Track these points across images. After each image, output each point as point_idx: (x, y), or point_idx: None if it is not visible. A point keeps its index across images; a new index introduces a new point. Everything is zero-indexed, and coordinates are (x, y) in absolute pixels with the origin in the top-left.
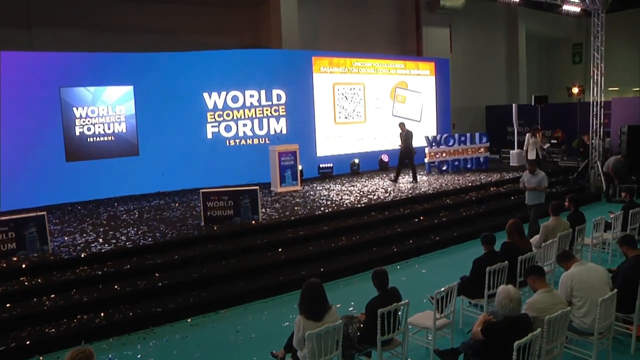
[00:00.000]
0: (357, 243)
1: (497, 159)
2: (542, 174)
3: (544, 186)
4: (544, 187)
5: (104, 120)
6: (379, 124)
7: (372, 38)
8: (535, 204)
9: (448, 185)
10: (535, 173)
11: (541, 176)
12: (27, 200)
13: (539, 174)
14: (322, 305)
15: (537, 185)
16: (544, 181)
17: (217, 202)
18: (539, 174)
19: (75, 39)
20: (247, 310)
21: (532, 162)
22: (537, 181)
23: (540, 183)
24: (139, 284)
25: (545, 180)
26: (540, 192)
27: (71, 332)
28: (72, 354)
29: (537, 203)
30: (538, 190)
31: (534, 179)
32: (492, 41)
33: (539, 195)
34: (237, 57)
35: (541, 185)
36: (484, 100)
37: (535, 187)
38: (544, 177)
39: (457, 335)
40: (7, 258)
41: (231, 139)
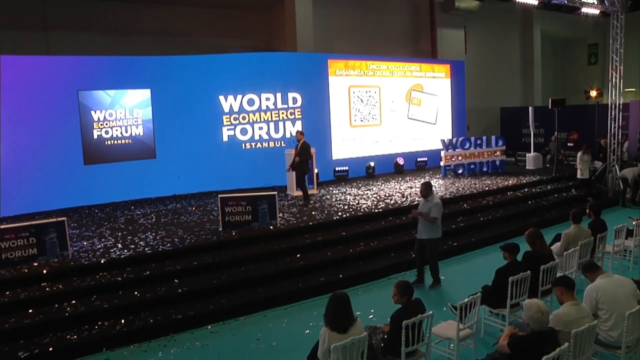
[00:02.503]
0: (375, 249)
1: (513, 161)
2: (436, 201)
3: (431, 215)
4: (431, 216)
5: (121, 123)
6: (395, 126)
7: (386, 40)
8: (426, 238)
9: (465, 190)
10: (428, 198)
11: (433, 203)
12: (45, 203)
13: (432, 200)
14: (348, 317)
15: (425, 213)
16: (433, 210)
17: (235, 207)
18: (432, 200)
19: (90, 42)
20: (267, 318)
21: (425, 184)
22: (427, 208)
23: (429, 211)
24: (159, 291)
25: (436, 210)
26: (432, 227)
27: (92, 338)
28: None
29: (429, 238)
30: (426, 219)
31: (426, 205)
32: (507, 42)
33: (430, 227)
34: (253, 60)
35: (429, 214)
36: (498, 102)
37: (422, 214)
38: (435, 205)
39: (479, 345)
40: (28, 263)
41: (247, 142)
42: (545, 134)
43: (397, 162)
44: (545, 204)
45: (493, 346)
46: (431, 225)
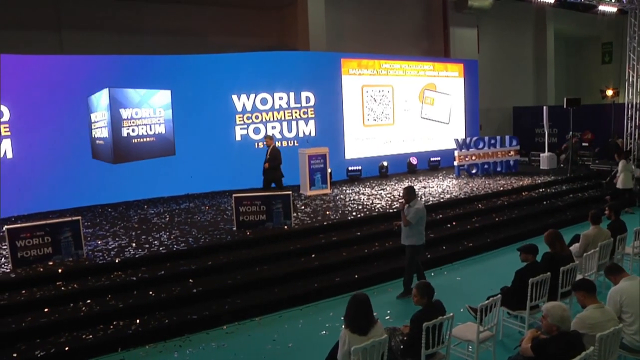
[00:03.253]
0: (390, 249)
1: (526, 161)
2: (416, 207)
3: (407, 219)
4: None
5: (137, 122)
6: (408, 126)
7: (398, 39)
8: (407, 244)
9: (479, 190)
10: (411, 203)
11: (413, 209)
12: (56, 202)
13: (413, 205)
14: (369, 319)
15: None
16: (410, 215)
17: (249, 206)
18: (413, 205)
19: (103, 41)
20: (282, 318)
21: (407, 189)
22: (407, 214)
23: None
24: (174, 290)
25: (414, 216)
26: (413, 232)
27: (108, 338)
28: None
29: (409, 244)
30: (403, 221)
31: (408, 210)
32: (520, 41)
33: (410, 233)
34: (266, 59)
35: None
36: (511, 101)
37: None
38: (414, 211)
39: (498, 348)
40: (43, 262)
41: (260, 141)
42: (558, 133)
43: (410, 162)
44: (560, 204)
45: (515, 349)
46: (411, 231)
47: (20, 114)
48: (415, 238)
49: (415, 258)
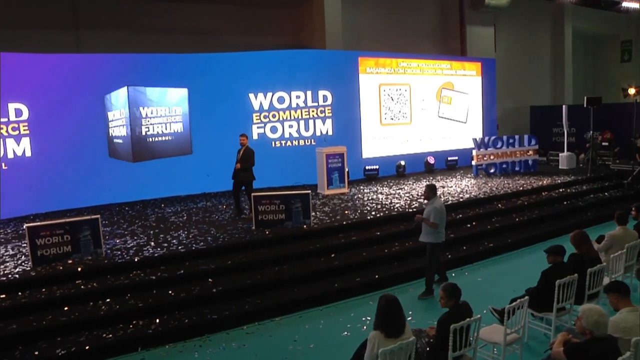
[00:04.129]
0: (410, 249)
1: (544, 161)
2: (434, 205)
3: (431, 221)
4: (432, 222)
5: (153, 121)
6: (425, 125)
7: (414, 37)
8: (426, 242)
9: (499, 189)
10: (430, 201)
11: (431, 207)
12: (74, 200)
13: (432, 203)
14: (401, 321)
15: (426, 219)
16: (431, 214)
17: (268, 205)
18: (432, 203)
19: (119, 40)
20: (303, 318)
21: (428, 186)
22: (427, 212)
23: (428, 215)
24: (193, 290)
25: (433, 215)
26: (431, 229)
27: (128, 338)
28: None
29: (428, 242)
30: (427, 224)
31: (427, 208)
32: (537, 40)
33: (430, 231)
34: (284, 58)
35: (430, 218)
36: (527, 100)
37: (424, 220)
38: (432, 210)
39: (523, 350)
40: (62, 261)
41: (277, 140)
42: (576, 133)
43: (428, 161)
44: (581, 204)
45: (545, 352)
46: (430, 228)
47: (39, 112)
48: (434, 236)
49: (436, 256)
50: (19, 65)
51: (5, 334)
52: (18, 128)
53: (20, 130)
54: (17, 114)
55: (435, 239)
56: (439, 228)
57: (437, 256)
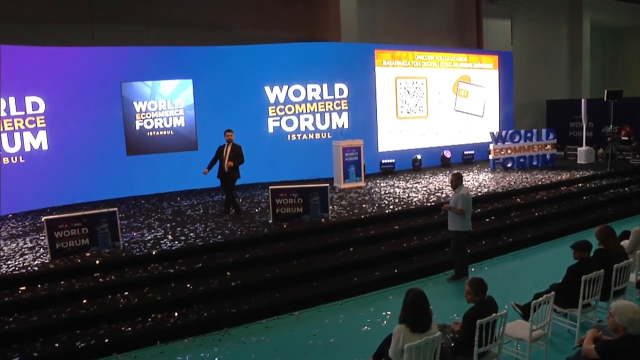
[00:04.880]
0: (429, 244)
1: (562, 156)
2: (460, 193)
3: (459, 208)
4: (459, 209)
5: (163, 114)
6: (441, 119)
7: (429, 30)
8: (452, 230)
9: (517, 184)
10: (456, 190)
11: (457, 195)
12: (90, 194)
13: (458, 191)
14: (428, 316)
15: (454, 207)
16: (458, 201)
17: (286, 199)
18: (458, 191)
19: (134, 33)
20: (322, 313)
21: (455, 175)
22: (453, 200)
23: (455, 203)
24: (212, 284)
25: (460, 202)
26: (457, 218)
27: (147, 331)
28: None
29: (455, 230)
30: (454, 212)
31: (453, 197)
32: (554, 33)
33: (456, 219)
34: (299, 50)
35: (457, 206)
36: (544, 94)
37: (451, 208)
38: (459, 197)
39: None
40: (80, 253)
41: (293, 133)
42: (594, 127)
43: (444, 155)
44: (601, 199)
45: (574, 349)
46: (456, 217)
47: (55, 106)
48: (460, 224)
49: (462, 244)
50: (35, 59)
51: (26, 326)
52: (35, 121)
53: (37, 123)
54: (34, 107)
55: (462, 227)
56: (465, 215)
57: (464, 244)
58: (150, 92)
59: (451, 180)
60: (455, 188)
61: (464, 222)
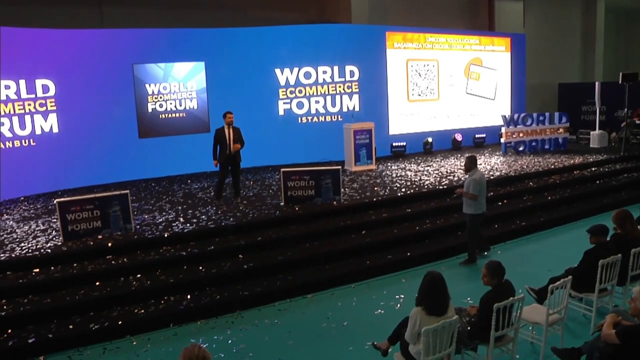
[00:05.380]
0: (441, 227)
1: (574, 139)
2: (472, 177)
3: (471, 193)
4: (471, 194)
5: (175, 96)
6: (453, 101)
7: (440, 12)
8: (467, 213)
9: (529, 167)
10: (469, 173)
11: (470, 179)
12: (101, 176)
13: (471, 175)
14: (446, 300)
15: (466, 191)
16: (470, 186)
17: (298, 181)
18: (471, 175)
19: (144, 15)
20: (335, 296)
21: (469, 157)
22: (466, 184)
23: (467, 187)
24: (224, 266)
25: (472, 186)
26: (471, 201)
27: (159, 314)
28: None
29: (469, 213)
30: (466, 197)
31: (466, 180)
32: (567, 14)
33: (470, 202)
34: (310, 32)
35: (469, 191)
36: (555, 77)
37: (464, 193)
38: (471, 182)
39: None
40: (92, 236)
41: (303, 116)
42: (607, 111)
43: (455, 138)
44: (615, 184)
45: (593, 334)
46: (470, 200)
47: (66, 88)
48: (474, 207)
49: (476, 227)
50: (45, 41)
51: (41, 308)
52: (45, 104)
53: (47, 106)
54: (44, 90)
55: (475, 210)
56: (479, 199)
57: (478, 226)
58: (163, 74)
59: (465, 163)
60: (469, 171)
61: (478, 205)
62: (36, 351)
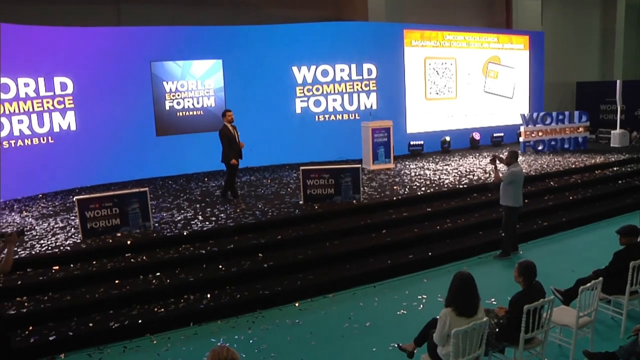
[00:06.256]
0: (462, 226)
1: (593, 139)
2: (511, 169)
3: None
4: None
5: (193, 94)
6: (471, 100)
7: (457, 9)
8: (503, 204)
9: (550, 167)
10: (510, 166)
11: (509, 170)
12: (118, 174)
13: (510, 168)
14: (476, 301)
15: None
16: (505, 174)
17: (317, 180)
18: (510, 168)
19: (160, 13)
20: (356, 296)
21: (511, 152)
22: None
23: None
24: (244, 265)
25: (507, 176)
26: (509, 193)
27: (180, 312)
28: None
29: (505, 204)
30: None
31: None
32: (586, 12)
33: (506, 193)
34: (327, 30)
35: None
36: (573, 76)
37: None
38: (509, 172)
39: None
40: (111, 234)
41: (320, 114)
42: (627, 110)
43: (473, 137)
44: (637, 183)
45: (629, 338)
46: (508, 192)
47: (83, 86)
48: (512, 200)
49: (512, 220)
50: (63, 39)
51: (61, 305)
52: (63, 102)
53: (65, 104)
54: (62, 87)
55: (512, 202)
56: (516, 192)
57: (514, 220)
58: (181, 72)
59: (506, 157)
60: (509, 165)
61: (516, 198)
62: (57, 349)
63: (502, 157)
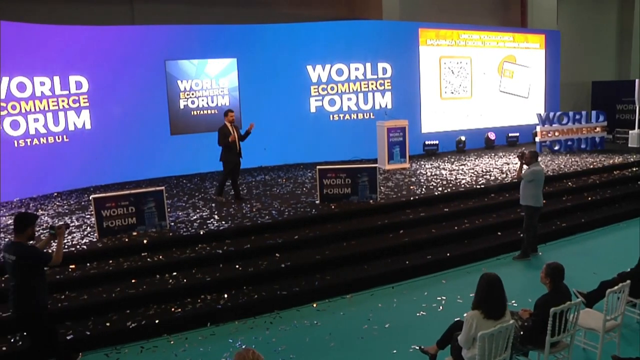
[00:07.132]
0: (480, 227)
1: (610, 139)
2: (532, 169)
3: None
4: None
5: (207, 93)
6: (486, 99)
7: (472, 8)
8: (524, 204)
9: (567, 167)
10: (530, 165)
11: (530, 169)
12: (132, 173)
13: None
14: (503, 303)
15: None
16: (526, 172)
17: (334, 179)
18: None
19: (174, 12)
20: (375, 296)
21: (532, 152)
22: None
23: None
24: (261, 265)
25: (528, 174)
26: (529, 193)
27: (197, 312)
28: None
29: (526, 204)
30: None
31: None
32: (603, 10)
33: (527, 193)
34: (342, 29)
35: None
36: (589, 75)
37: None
38: (530, 171)
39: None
40: (127, 233)
41: (335, 113)
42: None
43: (488, 137)
44: None
45: None
46: (529, 191)
47: (98, 85)
48: (533, 200)
49: (533, 220)
50: (78, 38)
51: (77, 304)
52: (78, 100)
53: (80, 102)
54: (77, 86)
55: (533, 202)
56: (536, 191)
57: (535, 220)
58: (195, 71)
59: (526, 157)
60: (529, 165)
61: (536, 198)
62: (74, 348)
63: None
